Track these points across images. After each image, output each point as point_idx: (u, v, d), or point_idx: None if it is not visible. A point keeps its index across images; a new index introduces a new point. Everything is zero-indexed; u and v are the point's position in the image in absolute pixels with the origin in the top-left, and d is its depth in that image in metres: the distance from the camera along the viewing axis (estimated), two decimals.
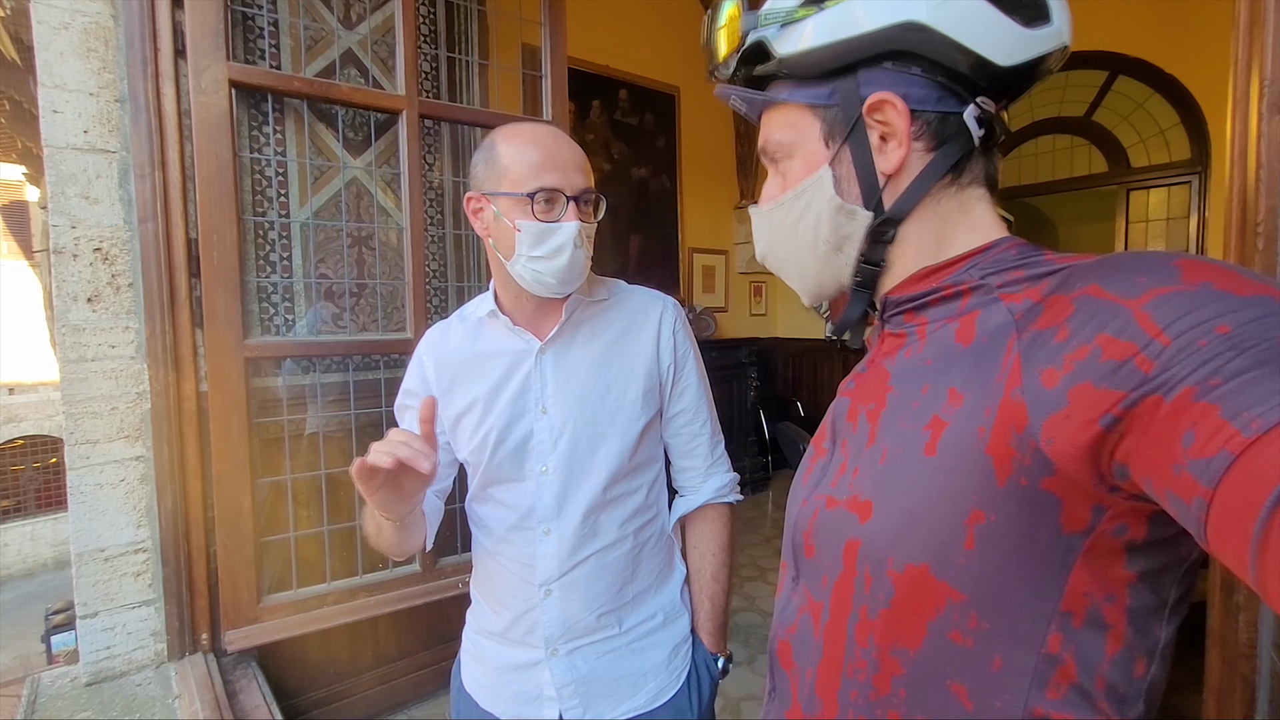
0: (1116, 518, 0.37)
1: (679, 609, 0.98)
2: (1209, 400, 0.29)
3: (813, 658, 0.50)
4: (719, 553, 0.99)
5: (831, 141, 0.49)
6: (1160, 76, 3.33)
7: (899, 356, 0.49)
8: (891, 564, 0.43)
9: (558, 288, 0.84)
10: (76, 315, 1.53)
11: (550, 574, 0.88)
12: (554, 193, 0.80)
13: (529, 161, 0.80)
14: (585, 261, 0.85)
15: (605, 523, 0.89)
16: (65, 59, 1.50)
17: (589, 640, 0.90)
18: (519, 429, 0.88)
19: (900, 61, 0.46)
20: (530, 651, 0.90)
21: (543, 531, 0.88)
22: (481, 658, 0.96)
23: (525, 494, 0.89)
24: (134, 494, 1.61)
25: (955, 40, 0.44)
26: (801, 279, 0.56)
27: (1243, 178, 0.94)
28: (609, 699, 0.90)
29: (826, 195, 0.50)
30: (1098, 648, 0.39)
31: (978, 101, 0.46)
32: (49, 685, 1.56)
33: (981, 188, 0.50)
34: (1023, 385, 0.37)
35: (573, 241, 0.81)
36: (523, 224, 0.81)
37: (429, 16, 2.09)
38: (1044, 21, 0.44)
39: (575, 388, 0.88)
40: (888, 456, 0.45)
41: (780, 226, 0.54)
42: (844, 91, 0.48)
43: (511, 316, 0.90)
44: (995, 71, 0.45)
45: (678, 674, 0.95)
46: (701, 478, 0.99)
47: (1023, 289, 0.42)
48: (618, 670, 0.91)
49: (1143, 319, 0.33)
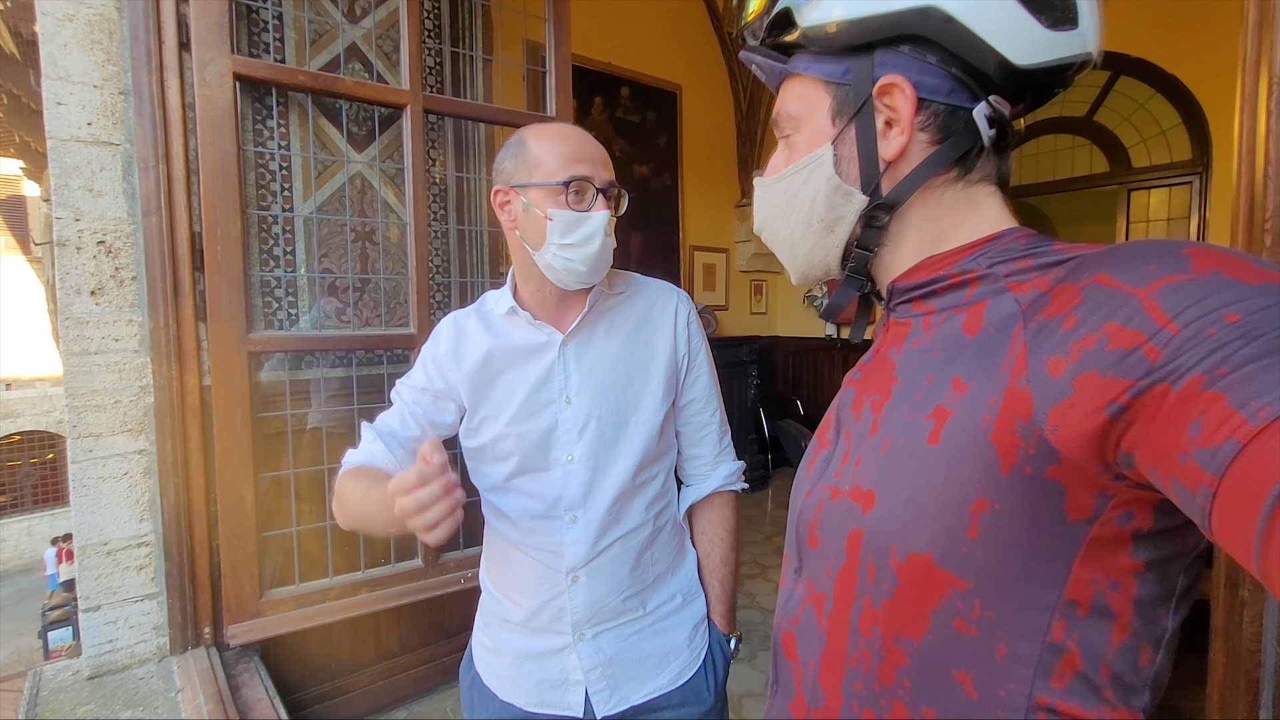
0: (1121, 506, 0.37)
1: (696, 590, 1.01)
2: (1217, 389, 0.29)
3: (816, 649, 0.50)
4: (727, 537, 1.03)
5: (838, 119, 0.49)
6: (1162, 77, 3.33)
7: (905, 347, 0.49)
8: (895, 553, 0.43)
9: (587, 276, 0.87)
10: (80, 308, 1.52)
11: (578, 560, 0.90)
12: (585, 183, 0.84)
13: (561, 155, 0.84)
14: (611, 251, 0.88)
15: (630, 508, 0.92)
16: (69, 51, 1.49)
17: (615, 623, 0.93)
18: (543, 420, 0.90)
19: (918, 47, 0.45)
20: (556, 638, 0.92)
21: (570, 519, 0.90)
22: (499, 650, 0.96)
23: (552, 483, 0.90)
24: (137, 487, 1.60)
25: (973, 31, 0.43)
26: (792, 256, 0.55)
27: (1250, 174, 0.95)
28: (635, 680, 0.93)
29: (825, 173, 0.50)
30: (1104, 637, 0.39)
31: (990, 100, 0.46)
32: (51, 679, 1.56)
33: (991, 185, 0.49)
34: (1028, 374, 0.37)
35: (603, 230, 0.85)
36: (555, 213, 0.84)
37: (433, 11, 2.09)
38: (1070, 25, 0.43)
39: (599, 378, 0.91)
40: (890, 446, 0.45)
41: (779, 200, 0.54)
42: (858, 70, 0.47)
43: (531, 311, 0.91)
44: (1012, 71, 0.44)
45: (698, 653, 0.98)
46: (711, 465, 1.02)
47: (1030, 279, 0.41)
48: (643, 651, 0.94)
49: (1151, 308, 0.32)
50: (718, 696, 0.99)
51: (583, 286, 0.89)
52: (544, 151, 0.85)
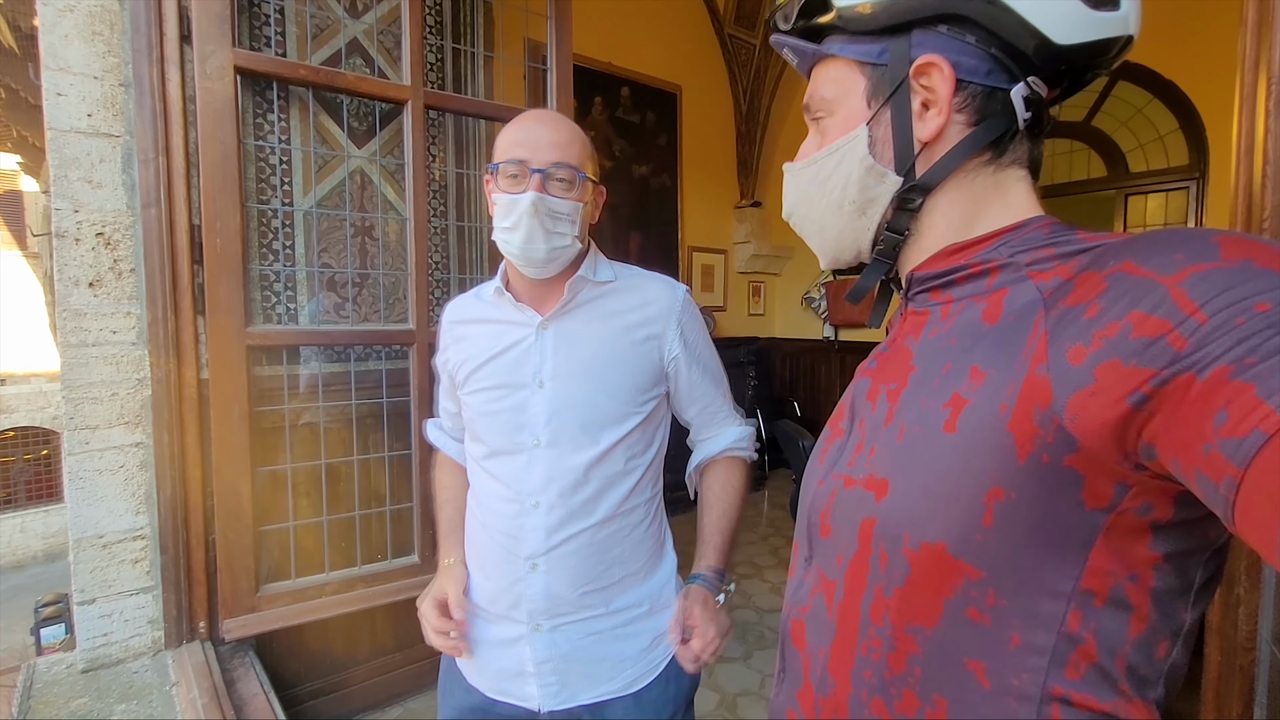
0: (1140, 496, 0.36)
1: (666, 601, 0.98)
2: (1244, 379, 0.29)
3: (825, 637, 0.50)
4: (733, 494, 1.02)
5: (874, 101, 0.49)
6: (1160, 82, 3.35)
7: (923, 336, 0.49)
8: (907, 541, 0.43)
9: (521, 261, 0.88)
10: (78, 300, 1.52)
11: (536, 548, 0.89)
12: (520, 165, 0.84)
13: (507, 138, 0.86)
14: (544, 236, 0.85)
15: (596, 501, 0.90)
16: (70, 42, 1.49)
17: (573, 618, 0.91)
18: (514, 399, 0.91)
19: (956, 27, 0.45)
20: (514, 626, 0.92)
21: (531, 504, 0.90)
22: (468, 635, 0.97)
23: (517, 466, 0.91)
24: (133, 480, 1.60)
25: (1014, 9, 0.43)
26: (822, 239, 0.55)
27: (1249, 175, 0.95)
28: (585, 679, 0.92)
29: (859, 154, 0.49)
30: (1120, 628, 0.39)
31: (1029, 81, 0.45)
32: (45, 672, 1.55)
33: (1023, 169, 0.49)
34: (1048, 362, 0.37)
35: (528, 212, 0.83)
36: (496, 196, 0.87)
37: (435, 7, 2.09)
38: (1112, 6, 0.43)
39: (574, 366, 0.90)
40: (905, 434, 0.45)
41: (810, 184, 0.54)
42: (895, 51, 0.47)
43: (515, 293, 0.93)
44: (1052, 50, 0.44)
45: (655, 664, 0.96)
46: (720, 428, 1.03)
47: (1053, 267, 0.41)
48: (599, 653, 0.92)
49: (1178, 296, 0.32)
50: (678, 709, 0.97)
51: (533, 276, 0.90)
52: (500, 136, 0.88)
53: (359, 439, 1.93)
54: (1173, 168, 3.46)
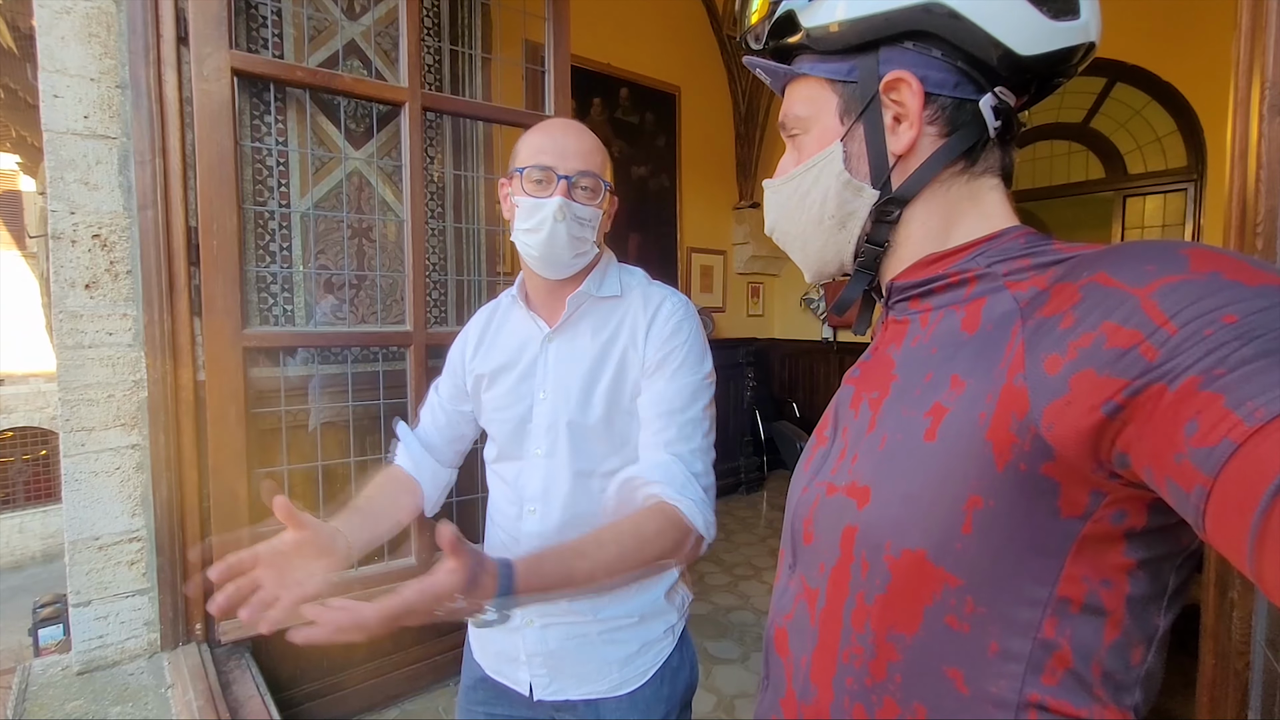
0: (1115, 504, 0.37)
1: (657, 610, 0.97)
2: (1213, 389, 0.29)
3: (808, 645, 0.50)
4: (638, 544, 0.75)
5: (846, 117, 0.50)
6: (1158, 84, 3.35)
7: (904, 344, 0.49)
8: (889, 549, 0.43)
9: (540, 263, 0.90)
10: (74, 301, 1.52)
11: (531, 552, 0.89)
12: (546, 170, 0.86)
13: (533, 144, 0.89)
14: (568, 240, 0.87)
15: (589, 512, 0.91)
16: (67, 43, 1.49)
17: (563, 620, 0.93)
18: (520, 408, 0.94)
19: (921, 42, 0.46)
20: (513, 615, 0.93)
21: (528, 510, 0.93)
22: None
23: (519, 473, 0.95)
24: (129, 482, 1.60)
25: (976, 24, 0.44)
26: (805, 254, 0.56)
27: (1243, 179, 0.95)
28: (573, 677, 0.94)
29: (835, 170, 0.50)
30: (1095, 634, 0.39)
31: (996, 91, 0.46)
32: (40, 674, 1.55)
33: (995, 178, 0.50)
34: (1025, 371, 0.37)
35: (553, 216, 0.85)
36: (518, 199, 0.89)
37: (432, 9, 2.09)
38: (1071, 15, 0.44)
39: (573, 378, 0.92)
40: (887, 443, 0.45)
41: (790, 200, 0.55)
42: (864, 68, 0.48)
43: (528, 300, 0.97)
44: (1016, 61, 0.45)
45: (644, 670, 0.95)
46: (662, 469, 0.83)
47: (1029, 277, 0.42)
48: (586, 655, 0.94)
49: (1149, 307, 0.32)
50: (673, 709, 0.97)
51: (550, 276, 0.91)
52: (524, 142, 0.90)
53: (356, 440, 1.93)
54: (1171, 169, 3.46)
